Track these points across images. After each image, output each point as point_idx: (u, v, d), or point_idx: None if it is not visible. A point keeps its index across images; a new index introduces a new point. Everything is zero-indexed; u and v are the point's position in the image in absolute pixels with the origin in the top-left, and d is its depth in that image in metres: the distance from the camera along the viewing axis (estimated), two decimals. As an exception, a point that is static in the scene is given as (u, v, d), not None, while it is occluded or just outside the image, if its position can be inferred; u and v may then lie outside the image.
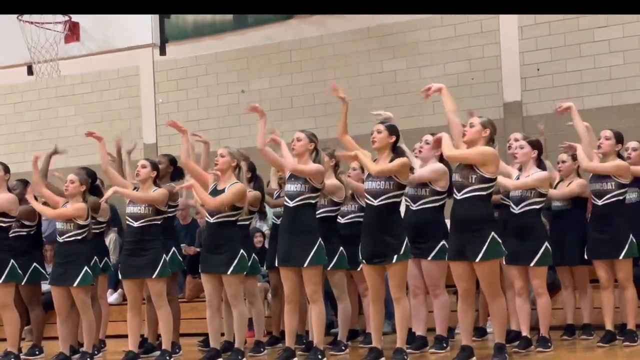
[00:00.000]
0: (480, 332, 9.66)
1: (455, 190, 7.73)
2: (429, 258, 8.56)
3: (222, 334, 9.15)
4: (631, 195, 9.08)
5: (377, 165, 7.92)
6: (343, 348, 9.16)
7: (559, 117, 8.99)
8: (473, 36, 13.17)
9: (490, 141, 7.76)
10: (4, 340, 9.59)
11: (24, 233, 9.88)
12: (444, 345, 8.74)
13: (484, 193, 7.63)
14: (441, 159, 8.83)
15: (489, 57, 13.09)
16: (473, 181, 7.60)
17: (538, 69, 12.81)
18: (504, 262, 8.37)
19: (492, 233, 7.60)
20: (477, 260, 7.58)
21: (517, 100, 12.86)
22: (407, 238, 7.95)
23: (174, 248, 9.65)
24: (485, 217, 7.67)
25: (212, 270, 8.67)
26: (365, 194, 8.06)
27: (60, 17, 14.73)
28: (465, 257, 7.64)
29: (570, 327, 9.52)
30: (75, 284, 9.05)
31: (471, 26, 13.19)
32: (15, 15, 14.39)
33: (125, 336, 9.14)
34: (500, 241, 7.68)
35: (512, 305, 8.81)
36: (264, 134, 8.54)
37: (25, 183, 9.91)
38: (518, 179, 8.46)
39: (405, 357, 7.99)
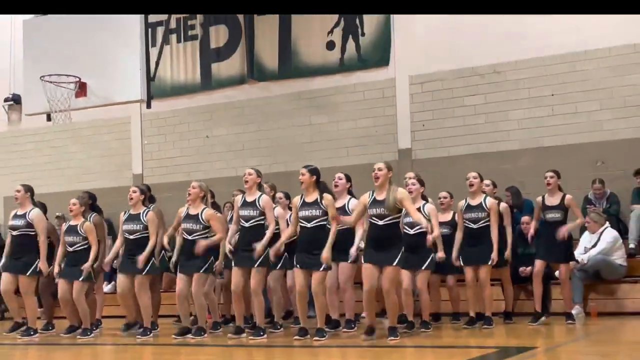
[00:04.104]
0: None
1: (376, 218, 7.67)
2: (349, 261, 8.59)
3: (192, 315, 9.17)
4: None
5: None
6: (278, 327, 9.17)
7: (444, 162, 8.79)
8: (377, 100, 13.25)
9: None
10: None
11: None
12: (352, 326, 8.77)
13: (398, 220, 7.77)
14: (349, 192, 8.93)
15: (388, 115, 13.15)
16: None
17: (424, 125, 12.88)
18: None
19: (402, 247, 7.69)
20: (394, 264, 7.58)
21: (408, 147, 12.95)
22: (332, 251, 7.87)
23: (163, 252, 9.56)
24: (400, 236, 7.82)
25: (187, 270, 8.70)
26: (300, 220, 8.02)
27: (72, 78, 14.66)
28: (380, 262, 7.64)
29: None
30: (80, 279, 9.11)
31: (376, 92, 13.28)
32: (39, 76, 14.33)
33: (116, 316, 8.99)
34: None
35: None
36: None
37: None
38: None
39: (325, 334, 8.00)
